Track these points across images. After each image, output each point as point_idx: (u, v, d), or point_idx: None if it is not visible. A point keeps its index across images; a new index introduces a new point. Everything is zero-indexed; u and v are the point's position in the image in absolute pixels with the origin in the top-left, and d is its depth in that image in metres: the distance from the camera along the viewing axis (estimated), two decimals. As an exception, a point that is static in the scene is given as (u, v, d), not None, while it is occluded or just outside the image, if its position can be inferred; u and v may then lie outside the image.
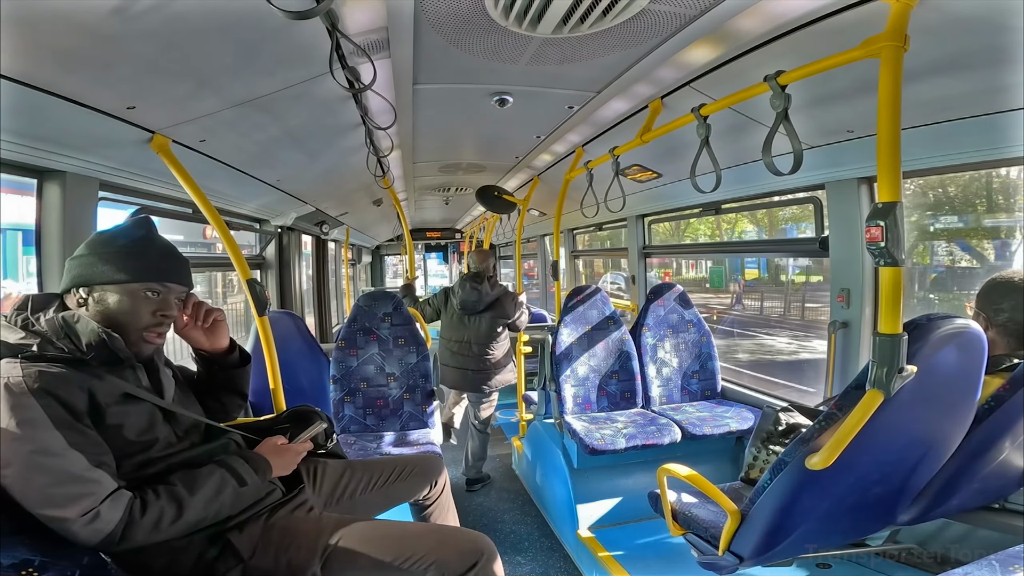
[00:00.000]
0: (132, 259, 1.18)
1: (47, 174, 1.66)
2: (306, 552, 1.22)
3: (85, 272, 1.16)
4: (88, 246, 1.20)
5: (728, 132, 2.04)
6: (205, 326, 1.39)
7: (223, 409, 1.49)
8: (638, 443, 2.46)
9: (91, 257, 1.17)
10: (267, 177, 2.72)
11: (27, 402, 1.00)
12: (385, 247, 10.03)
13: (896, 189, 1.09)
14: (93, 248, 1.19)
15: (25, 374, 1.02)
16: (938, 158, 1.77)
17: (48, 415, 1.00)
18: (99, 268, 1.16)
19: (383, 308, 2.91)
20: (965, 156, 1.72)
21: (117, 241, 1.20)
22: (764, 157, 1.45)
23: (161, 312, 1.22)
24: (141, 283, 1.18)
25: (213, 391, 1.48)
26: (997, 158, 1.68)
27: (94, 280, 1.16)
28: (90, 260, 1.17)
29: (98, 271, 1.16)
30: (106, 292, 1.16)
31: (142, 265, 1.19)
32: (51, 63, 1.20)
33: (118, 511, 1.02)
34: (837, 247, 2.26)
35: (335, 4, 1.31)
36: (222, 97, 1.65)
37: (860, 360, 2.19)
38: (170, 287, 1.23)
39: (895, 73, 1.09)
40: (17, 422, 0.98)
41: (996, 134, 1.56)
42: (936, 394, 1.25)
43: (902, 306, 1.11)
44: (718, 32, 1.48)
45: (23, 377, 1.01)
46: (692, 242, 11.83)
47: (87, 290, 1.16)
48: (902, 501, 1.44)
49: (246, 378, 1.52)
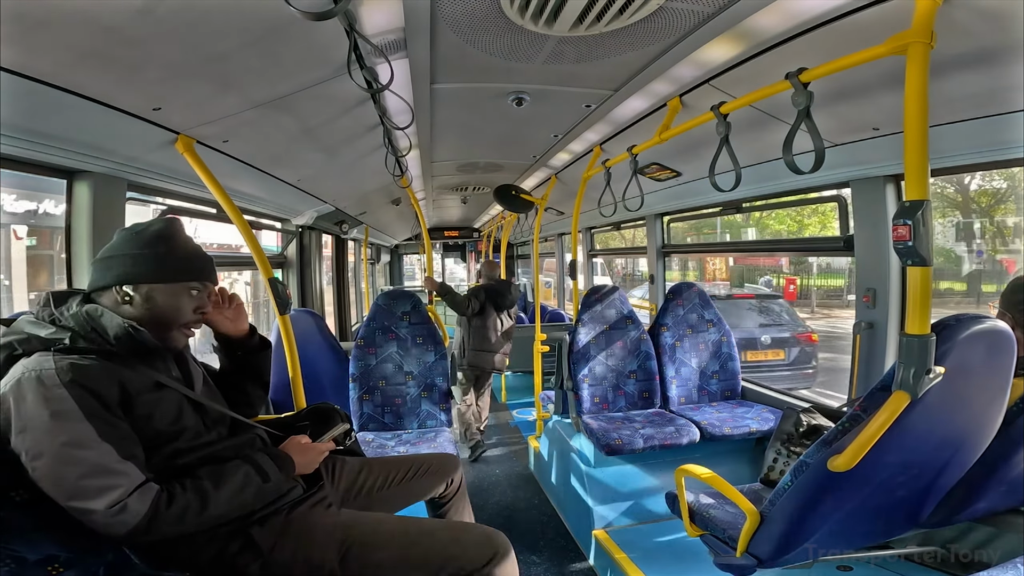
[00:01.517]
0: (179, 260, 1.24)
1: (77, 175, 1.71)
2: (324, 548, 1.24)
3: (132, 271, 1.19)
4: (130, 244, 1.21)
5: (748, 130, 2.01)
6: (229, 310, 1.44)
7: (247, 401, 1.52)
8: (656, 443, 2.44)
9: (137, 256, 1.20)
10: (288, 177, 2.76)
11: (60, 394, 1.02)
12: (403, 246, 10.11)
13: (924, 187, 1.07)
14: (136, 247, 1.21)
15: (58, 367, 1.04)
16: (968, 155, 1.73)
17: (80, 407, 1.03)
18: (147, 267, 1.20)
19: (402, 307, 2.93)
20: (995, 154, 1.68)
21: (163, 242, 1.23)
22: (785, 155, 1.43)
23: (200, 308, 1.28)
24: (185, 283, 1.24)
25: (236, 381, 1.51)
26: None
27: (142, 279, 1.19)
28: (136, 259, 1.19)
29: (146, 270, 1.20)
30: (154, 290, 1.20)
31: (187, 266, 1.25)
32: (80, 65, 1.24)
33: (145, 504, 1.04)
34: (863, 246, 2.21)
35: (352, 5, 1.32)
36: (244, 98, 1.69)
37: (886, 361, 2.14)
38: (207, 284, 1.30)
39: (922, 70, 1.07)
40: (50, 414, 1.00)
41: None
42: (965, 395, 1.22)
43: (930, 306, 1.08)
44: (737, 30, 1.46)
45: (56, 369, 1.04)
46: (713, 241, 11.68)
47: (133, 287, 1.19)
48: (927, 503, 1.41)
49: (267, 364, 1.55)
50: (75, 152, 1.59)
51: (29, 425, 1.00)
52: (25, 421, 1.00)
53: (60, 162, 1.59)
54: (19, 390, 1.02)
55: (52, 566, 0.96)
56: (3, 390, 1.04)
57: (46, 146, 1.49)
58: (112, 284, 1.19)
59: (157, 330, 1.20)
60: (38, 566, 0.94)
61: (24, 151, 1.45)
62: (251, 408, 1.52)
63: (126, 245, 1.21)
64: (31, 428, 1.00)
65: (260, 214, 3.30)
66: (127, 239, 1.22)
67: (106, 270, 1.20)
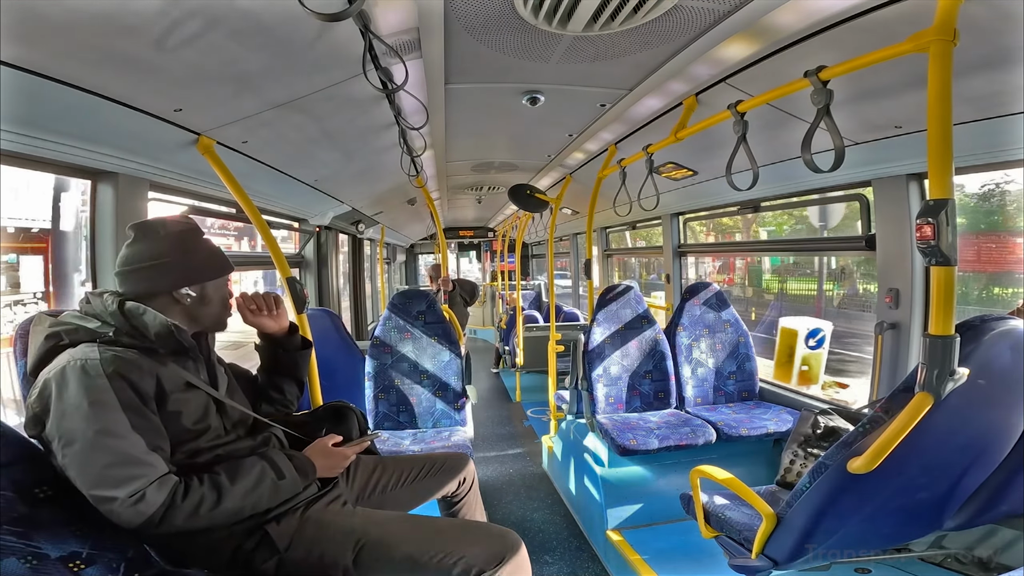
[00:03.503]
0: (219, 257, 1.36)
1: (101, 175, 1.75)
2: (339, 546, 1.25)
3: (191, 273, 1.29)
4: (175, 247, 1.27)
5: (766, 128, 1.99)
6: (274, 313, 1.55)
7: (283, 400, 1.60)
8: (671, 444, 2.42)
9: (192, 258, 1.30)
10: (305, 177, 2.79)
11: (101, 384, 1.07)
12: (419, 246, 10.16)
13: (948, 186, 1.04)
14: (185, 249, 1.29)
15: (102, 357, 1.09)
16: (994, 154, 1.69)
17: (119, 398, 1.07)
18: (204, 268, 1.31)
19: (417, 306, 2.95)
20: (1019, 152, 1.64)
21: (202, 242, 1.34)
22: (804, 154, 1.41)
23: (230, 295, 1.42)
24: (225, 275, 1.37)
25: (276, 379, 1.59)
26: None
27: (202, 277, 1.31)
28: (190, 261, 1.29)
29: (205, 271, 1.31)
30: (206, 288, 1.32)
31: (224, 261, 1.38)
32: (103, 67, 1.27)
33: (162, 494, 1.07)
34: (885, 245, 2.17)
35: (366, 5, 1.33)
36: (262, 99, 1.71)
37: (909, 362, 2.10)
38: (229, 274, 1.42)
39: (944, 68, 1.05)
40: (89, 402, 1.04)
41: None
42: (989, 397, 1.20)
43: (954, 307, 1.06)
44: (754, 28, 1.45)
45: (100, 360, 1.09)
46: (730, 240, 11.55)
47: (192, 287, 1.29)
48: (949, 506, 1.39)
49: (306, 363, 1.65)
50: (100, 153, 1.62)
51: (68, 411, 1.04)
52: (65, 407, 1.04)
53: (85, 163, 1.63)
54: (63, 377, 1.07)
55: (74, 563, 0.97)
56: (47, 376, 1.08)
57: (71, 147, 1.53)
58: (170, 289, 1.26)
59: (212, 321, 1.34)
60: (60, 562, 0.96)
61: (50, 152, 1.49)
62: (288, 406, 1.61)
63: (164, 248, 1.26)
64: (69, 414, 1.04)
65: (278, 214, 3.34)
66: (157, 243, 1.26)
67: (160, 277, 1.25)
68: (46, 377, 1.08)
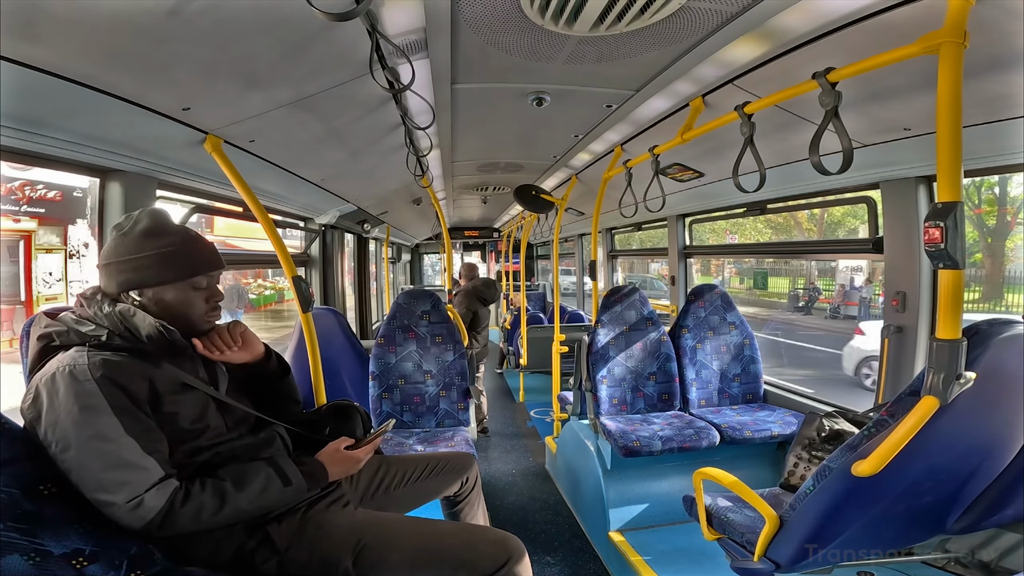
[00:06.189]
0: (176, 258, 1.22)
1: (109, 173, 1.76)
2: (339, 547, 1.24)
3: (135, 276, 1.19)
4: (123, 248, 1.20)
5: (774, 130, 1.98)
6: (240, 345, 1.37)
7: (279, 416, 1.47)
8: (675, 446, 2.42)
9: (135, 261, 1.19)
10: (311, 176, 2.80)
11: (90, 388, 1.06)
12: (424, 246, 10.18)
13: (957, 189, 1.04)
14: (128, 251, 1.20)
15: (90, 362, 1.08)
16: (1004, 156, 1.68)
17: (109, 402, 1.06)
18: (148, 272, 1.20)
19: (422, 306, 2.95)
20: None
21: (154, 241, 1.21)
22: (812, 156, 1.40)
23: (213, 298, 1.30)
24: (189, 279, 1.24)
25: (266, 399, 1.47)
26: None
27: (146, 283, 1.20)
28: (136, 264, 1.19)
29: (149, 275, 1.20)
30: (162, 291, 1.21)
31: (186, 263, 1.24)
32: (112, 65, 1.27)
33: (161, 499, 1.07)
34: (892, 248, 2.16)
35: (374, 5, 1.34)
36: (270, 98, 1.72)
37: (915, 366, 2.09)
38: (212, 275, 1.30)
39: (955, 70, 1.04)
40: (80, 408, 1.04)
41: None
42: (996, 401, 1.19)
43: (962, 310, 1.06)
44: (761, 29, 1.44)
45: (88, 365, 1.08)
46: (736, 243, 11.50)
47: (138, 292, 1.20)
48: (954, 510, 1.38)
49: (292, 388, 1.51)
50: (108, 151, 1.63)
51: (60, 418, 1.04)
52: (57, 414, 1.04)
53: (94, 161, 1.64)
54: (53, 384, 1.06)
55: (77, 560, 0.98)
56: (39, 382, 1.08)
57: (81, 145, 1.54)
58: (119, 292, 1.21)
59: (181, 326, 1.22)
60: (63, 559, 0.96)
61: (59, 150, 1.50)
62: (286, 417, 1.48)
63: (120, 249, 1.20)
64: (61, 421, 1.04)
65: (284, 213, 3.36)
66: (118, 243, 1.21)
67: (108, 278, 1.21)
68: (38, 384, 1.08)
